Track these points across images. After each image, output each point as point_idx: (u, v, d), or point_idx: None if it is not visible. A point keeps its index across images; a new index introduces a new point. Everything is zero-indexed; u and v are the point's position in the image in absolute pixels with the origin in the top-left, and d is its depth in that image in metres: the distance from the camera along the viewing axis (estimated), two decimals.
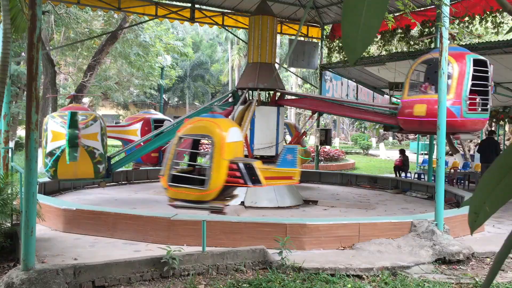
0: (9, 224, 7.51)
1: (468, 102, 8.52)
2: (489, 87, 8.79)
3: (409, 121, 9.42)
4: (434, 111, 8.24)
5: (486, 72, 8.71)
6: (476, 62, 8.67)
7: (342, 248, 7.57)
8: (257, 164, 6.98)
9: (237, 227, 7.61)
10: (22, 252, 5.50)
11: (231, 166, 6.89)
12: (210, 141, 7.15)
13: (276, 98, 11.71)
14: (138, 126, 12.49)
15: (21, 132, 25.46)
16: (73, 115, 8.89)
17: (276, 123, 11.40)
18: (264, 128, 11.34)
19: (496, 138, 17.87)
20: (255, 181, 6.92)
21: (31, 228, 5.51)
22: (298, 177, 7.36)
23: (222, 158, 6.81)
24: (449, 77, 8.31)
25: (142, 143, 10.99)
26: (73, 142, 8.74)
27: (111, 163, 10.32)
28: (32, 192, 5.52)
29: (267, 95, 11.93)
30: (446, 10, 7.64)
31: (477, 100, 8.59)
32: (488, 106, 8.85)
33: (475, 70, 8.59)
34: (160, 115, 13.46)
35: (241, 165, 6.90)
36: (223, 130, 7.01)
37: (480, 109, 8.69)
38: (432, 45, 12.83)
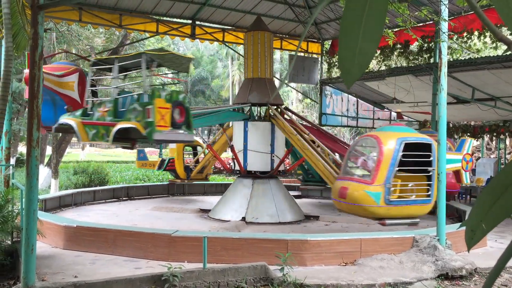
0: (9, 242, 7.47)
1: None
2: None
3: None
4: None
5: None
6: None
7: (344, 264, 7.52)
8: None
9: (238, 244, 7.57)
10: (23, 270, 5.48)
11: None
12: None
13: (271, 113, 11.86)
14: (74, 78, 10.00)
15: (22, 148, 25.49)
16: None
17: (271, 138, 11.50)
18: (255, 144, 11.49)
19: None
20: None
21: (31, 245, 5.49)
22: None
23: None
24: None
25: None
26: None
27: None
28: (32, 209, 5.52)
29: (258, 109, 12.16)
30: (444, 26, 7.69)
31: None
32: None
33: None
34: None
35: None
36: None
37: None
38: (431, 60, 12.90)
